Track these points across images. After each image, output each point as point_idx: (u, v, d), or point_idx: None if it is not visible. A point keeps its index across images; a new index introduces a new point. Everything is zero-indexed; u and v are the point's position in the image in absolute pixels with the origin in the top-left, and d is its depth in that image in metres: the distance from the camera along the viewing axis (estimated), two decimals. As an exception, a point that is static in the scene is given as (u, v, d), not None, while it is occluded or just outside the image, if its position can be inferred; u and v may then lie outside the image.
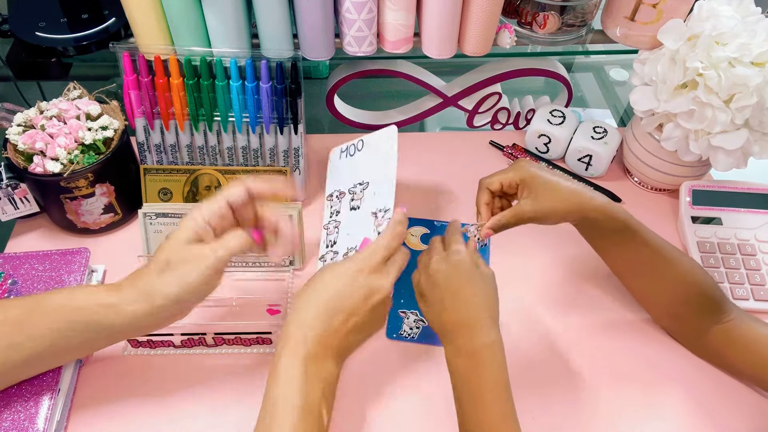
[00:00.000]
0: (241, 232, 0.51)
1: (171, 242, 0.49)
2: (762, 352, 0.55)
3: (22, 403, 0.52)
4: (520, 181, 0.56)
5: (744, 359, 0.57)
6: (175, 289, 0.48)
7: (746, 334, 0.56)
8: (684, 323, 0.61)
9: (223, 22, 0.66)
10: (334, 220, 0.68)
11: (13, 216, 0.67)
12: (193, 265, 0.48)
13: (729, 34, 0.61)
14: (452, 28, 0.70)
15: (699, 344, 0.61)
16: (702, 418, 0.58)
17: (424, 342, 0.62)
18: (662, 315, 0.63)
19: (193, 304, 0.51)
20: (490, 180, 0.57)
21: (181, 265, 0.48)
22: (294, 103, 0.67)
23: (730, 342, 0.57)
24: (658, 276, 0.58)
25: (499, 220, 0.56)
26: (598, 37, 0.76)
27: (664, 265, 0.57)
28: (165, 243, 0.49)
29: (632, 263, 0.59)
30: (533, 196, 0.55)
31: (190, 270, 0.48)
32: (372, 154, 0.68)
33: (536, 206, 0.54)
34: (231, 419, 0.56)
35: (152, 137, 0.69)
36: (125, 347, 0.59)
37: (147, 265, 0.50)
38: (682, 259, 0.58)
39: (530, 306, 0.66)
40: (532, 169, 0.56)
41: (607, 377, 0.60)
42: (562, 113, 0.81)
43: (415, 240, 0.72)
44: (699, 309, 0.58)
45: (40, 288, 0.59)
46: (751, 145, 0.66)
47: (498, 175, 0.57)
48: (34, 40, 0.72)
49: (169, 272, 0.48)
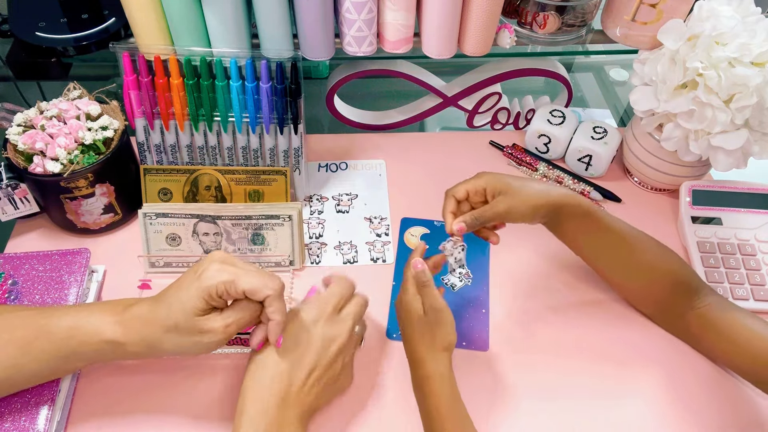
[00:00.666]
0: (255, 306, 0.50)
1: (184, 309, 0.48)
2: (736, 338, 0.56)
3: (23, 402, 0.52)
4: (487, 185, 0.58)
5: (719, 345, 0.58)
6: (177, 350, 0.49)
7: (721, 320, 0.57)
8: (658, 308, 0.63)
9: (223, 22, 0.66)
10: (316, 217, 0.73)
11: (13, 216, 0.67)
12: (200, 337, 0.48)
13: (729, 34, 0.61)
14: (452, 28, 0.70)
15: (676, 327, 0.63)
16: (677, 397, 0.59)
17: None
18: (636, 300, 0.65)
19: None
20: (455, 189, 0.59)
21: (189, 336, 0.48)
22: (294, 103, 0.67)
23: (705, 327, 0.59)
24: (626, 262, 0.61)
25: (473, 215, 0.57)
26: (598, 37, 0.76)
27: (630, 250, 0.60)
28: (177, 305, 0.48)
29: (599, 250, 0.61)
30: (504, 195, 0.57)
31: (197, 341, 0.48)
32: (359, 176, 0.79)
33: (509, 201, 0.56)
34: (230, 414, 0.55)
35: (152, 137, 0.69)
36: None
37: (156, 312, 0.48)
38: (650, 245, 0.60)
39: (510, 290, 0.67)
40: (498, 175, 0.58)
41: (584, 356, 0.62)
42: (562, 113, 0.81)
43: (415, 240, 0.72)
44: (672, 294, 0.60)
45: (40, 288, 0.59)
46: (751, 145, 0.66)
47: (463, 183, 0.59)
48: (34, 40, 0.72)
49: (176, 335, 0.48)
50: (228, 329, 0.48)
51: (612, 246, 0.60)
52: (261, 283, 0.48)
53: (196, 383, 0.58)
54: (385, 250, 0.71)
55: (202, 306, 0.48)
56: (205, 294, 0.47)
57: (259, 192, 0.70)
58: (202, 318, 0.48)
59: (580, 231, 0.60)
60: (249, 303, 0.50)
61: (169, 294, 0.49)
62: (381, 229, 0.73)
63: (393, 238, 0.72)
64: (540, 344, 0.63)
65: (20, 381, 0.49)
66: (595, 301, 0.67)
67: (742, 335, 0.56)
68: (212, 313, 0.49)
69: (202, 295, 0.47)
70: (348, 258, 0.70)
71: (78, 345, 0.48)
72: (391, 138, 0.85)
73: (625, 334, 0.64)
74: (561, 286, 0.68)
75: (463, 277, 0.58)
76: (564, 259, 0.69)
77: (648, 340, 0.64)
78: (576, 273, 0.69)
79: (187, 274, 0.50)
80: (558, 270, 0.69)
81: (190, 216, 0.64)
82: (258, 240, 0.66)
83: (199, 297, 0.47)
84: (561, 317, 0.65)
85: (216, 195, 0.70)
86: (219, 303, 0.49)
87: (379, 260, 0.70)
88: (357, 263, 0.69)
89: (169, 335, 0.48)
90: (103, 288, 0.65)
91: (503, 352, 0.62)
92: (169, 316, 0.48)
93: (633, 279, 0.62)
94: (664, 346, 0.63)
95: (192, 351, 0.49)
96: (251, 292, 0.48)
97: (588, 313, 0.66)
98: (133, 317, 0.49)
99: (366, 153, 0.83)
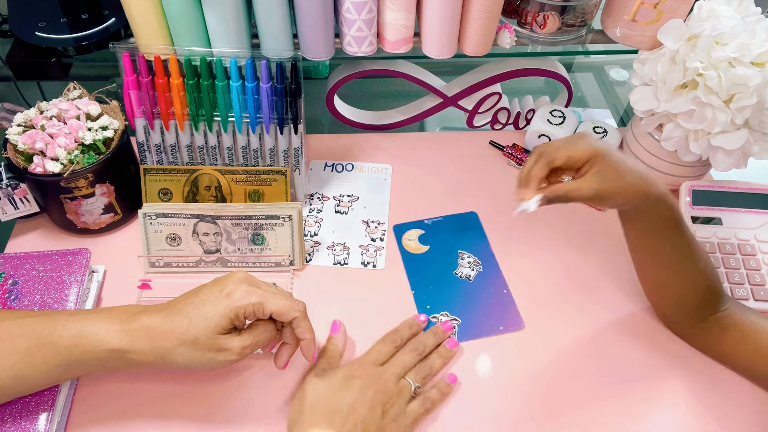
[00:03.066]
0: (272, 327, 0.52)
1: (207, 325, 0.48)
2: (755, 340, 0.56)
3: (23, 404, 0.52)
4: (591, 157, 0.51)
5: (737, 348, 0.58)
6: (188, 364, 0.49)
7: (739, 323, 0.57)
8: (685, 314, 0.61)
9: (223, 22, 0.66)
10: (314, 215, 0.73)
11: (13, 216, 0.67)
12: (215, 355, 0.49)
13: (729, 34, 0.61)
14: (452, 28, 0.70)
15: (693, 334, 0.61)
16: (699, 411, 0.58)
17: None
18: (667, 305, 0.62)
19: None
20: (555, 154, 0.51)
21: (205, 352, 0.48)
22: (294, 103, 0.67)
23: (724, 330, 0.58)
24: (681, 269, 0.58)
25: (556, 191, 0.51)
26: (598, 37, 0.76)
27: (690, 260, 0.57)
28: (200, 320, 0.48)
29: (664, 255, 0.57)
30: (601, 174, 0.50)
31: (211, 357, 0.49)
32: (363, 179, 0.78)
33: (604, 185, 0.50)
34: (229, 419, 0.56)
35: (152, 137, 0.69)
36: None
37: (172, 323, 0.48)
38: (701, 253, 0.58)
39: (527, 300, 0.67)
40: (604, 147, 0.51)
41: (604, 370, 0.61)
42: (562, 113, 0.81)
43: (414, 244, 0.72)
44: (704, 301, 0.59)
45: (40, 288, 0.59)
46: (751, 145, 0.66)
47: (565, 148, 0.51)
48: (34, 40, 0.72)
49: (191, 350, 0.48)
50: (243, 351, 0.49)
51: (677, 255, 0.56)
52: (288, 306, 0.50)
53: (196, 389, 0.58)
54: (377, 255, 0.70)
55: (226, 325, 0.48)
56: (232, 314, 0.48)
57: (259, 192, 0.70)
58: (223, 336, 0.49)
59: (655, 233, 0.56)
60: (267, 327, 0.51)
61: (188, 308, 0.49)
62: (377, 233, 0.72)
63: (387, 245, 0.71)
64: (569, 309, 0.65)
65: (23, 389, 0.49)
66: (609, 312, 0.66)
67: (762, 337, 0.55)
68: (232, 332, 0.50)
69: (229, 314, 0.48)
70: (339, 259, 0.69)
71: (81, 354, 0.48)
72: (391, 138, 0.85)
73: (640, 344, 0.63)
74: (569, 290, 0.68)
75: (473, 266, 0.59)
76: (573, 263, 0.70)
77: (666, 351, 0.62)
78: (588, 278, 0.69)
79: (209, 290, 0.50)
80: (568, 274, 0.70)
81: (190, 216, 0.64)
82: (258, 240, 0.66)
83: (225, 316, 0.48)
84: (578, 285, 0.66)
85: (216, 195, 0.70)
86: (241, 324, 0.50)
87: (370, 265, 0.69)
88: (347, 265, 0.69)
89: (184, 348, 0.48)
90: (103, 288, 0.65)
91: (537, 326, 0.63)
92: (189, 330, 0.48)
93: (676, 284, 0.59)
94: (682, 356, 0.62)
95: (203, 366, 0.49)
96: (278, 314, 0.50)
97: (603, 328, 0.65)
98: (142, 327, 0.48)
99: (366, 153, 0.83)
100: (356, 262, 0.69)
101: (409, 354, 0.57)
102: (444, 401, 0.57)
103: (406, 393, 0.54)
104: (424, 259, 0.70)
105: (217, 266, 0.67)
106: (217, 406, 0.56)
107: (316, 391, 0.53)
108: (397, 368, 0.56)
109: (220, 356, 0.49)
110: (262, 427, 0.55)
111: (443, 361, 0.59)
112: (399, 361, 0.56)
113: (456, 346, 0.60)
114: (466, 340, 0.62)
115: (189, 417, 0.56)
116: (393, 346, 0.58)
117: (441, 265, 0.69)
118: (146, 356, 0.48)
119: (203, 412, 0.56)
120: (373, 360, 0.56)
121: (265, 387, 0.58)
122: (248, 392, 0.57)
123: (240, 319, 0.49)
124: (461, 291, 0.66)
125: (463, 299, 0.66)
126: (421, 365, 0.57)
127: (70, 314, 0.50)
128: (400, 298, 0.66)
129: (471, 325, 0.63)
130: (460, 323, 0.63)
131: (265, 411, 0.56)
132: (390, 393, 0.53)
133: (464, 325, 0.63)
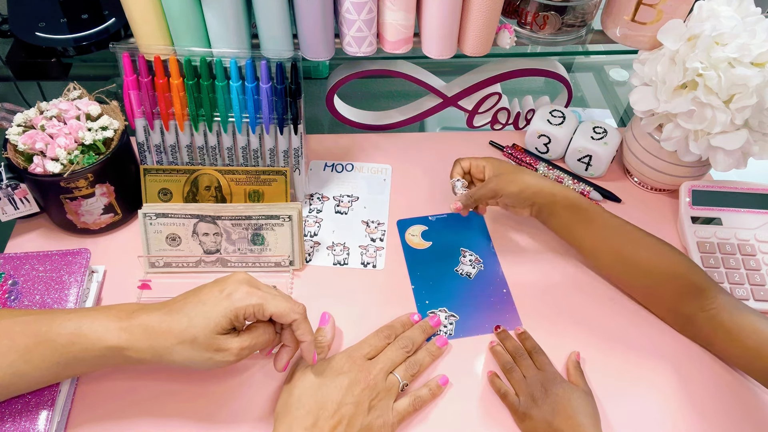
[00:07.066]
0: (271, 329, 0.52)
1: (207, 325, 0.48)
2: (746, 339, 0.55)
3: (23, 404, 0.52)
4: (487, 164, 0.66)
5: (730, 348, 0.58)
6: (186, 363, 0.49)
7: (726, 324, 0.57)
8: (667, 309, 0.62)
9: (223, 22, 0.66)
10: (314, 215, 0.73)
11: (13, 216, 0.67)
12: (213, 355, 0.49)
13: (729, 34, 0.61)
14: (452, 28, 0.70)
15: (687, 329, 0.62)
16: (687, 396, 0.59)
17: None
18: (644, 301, 0.65)
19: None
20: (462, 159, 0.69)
21: (203, 351, 0.48)
22: (294, 104, 0.67)
23: (716, 329, 0.58)
24: (623, 259, 0.61)
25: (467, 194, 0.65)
26: (598, 37, 0.76)
27: (627, 247, 0.60)
28: (200, 320, 0.48)
29: (594, 245, 0.63)
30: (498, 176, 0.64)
31: (209, 357, 0.49)
32: (363, 179, 0.78)
33: (500, 182, 0.63)
34: (228, 419, 0.56)
35: (152, 137, 0.69)
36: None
37: (171, 322, 0.48)
38: (649, 242, 0.60)
39: (526, 300, 0.67)
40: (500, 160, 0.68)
41: (593, 351, 0.62)
42: (561, 113, 0.81)
43: (417, 240, 0.72)
44: (680, 295, 0.60)
45: (40, 289, 0.59)
46: (750, 146, 0.66)
47: (470, 158, 0.69)
48: (34, 40, 0.72)
49: (190, 349, 0.48)
50: (242, 352, 0.50)
51: (606, 241, 0.61)
52: (288, 308, 0.50)
53: (196, 388, 0.58)
54: (377, 255, 0.70)
55: (226, 325, 0.49)
56: (232, 315, 0.48)
57: (259, 192, 0.70)
58: (222, 336, 0.49)
59: (572, 225, 0.61)
60: (266, 329, 0.52)
61: (188, 307, 0.49)
62: (377, 234, 0.72)
63: (387, 245, 0.71)
64: (567, 311, 0.65)
65: (22, 387, 0.49)
66: (601, 297, 0.67)
67: (751, 338, 0.55)
68: (231, 333, 0.50)
69: (229, 315, 0.48)
70: (339, 259, 0.70)
71: (80, 351, 0.48)
72: (391, 138, 0.85)
73: (632, 328, 0.64)
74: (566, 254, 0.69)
75: (475, 264, 0.59)
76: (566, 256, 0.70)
77: (656, 334, 0.63)
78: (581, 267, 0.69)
79: (210, 291, 0.50)
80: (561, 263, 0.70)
81: (190, 216, 0.64)
82: (258, 240, 0.66)
83: (225, 316, 0.48)
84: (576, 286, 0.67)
85: (216, 195, 0.70)
86: (240, 325, 0.50)
87: (369, 265, 0.69)
88: (347, 266, 0.69)
89: (183, 347, 0.48)
90: (103, 288, 0.65)
91: (533, 323, 0.64)
92: (188, 329, 0.48)
93: (633, 278, 0.62)
94: (673, 342, 0.63)
95: (200, 366, 0.49)
96: (278, 316, 0.50)
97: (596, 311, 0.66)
98: (140, 325, 0.49)
99: (366, 153, 0.83)
100: (356, 263, 0.69)
101: (398, 350, 0.58)
102: (433, 401, 0.57)
103: (393, 390, 0.55)
104: (426, 255, 0.70)
105: (217, 266, 0.67)
106: (217, 406, 0.56)
107: (304, 384, 0.53)
108: (386, 364, 0.56)
109: (218, 356, 0.49)
110: (261, 427, 0.55)
111: (432, 359, 0.59)
112: (388, 356, 0.57)
113: (445, 345, 0.60)
114: (462, 337, 0.62)
115: (189, 416, 0.56)
116: (386, 342, 0.59)
117: (442, 262, 0.69)
118: (144, 354, 0.48)
119: (203, 412, 0.56)
120: (364, 354, 0.57)
121: (265, 387, 0.58)
122: (248, 392, 0.57)
123: (240, 320, 0.49)
124: (461, 288, 0.67)
125: (463, 296, 0.66)
126: (410, 362, 0.58)
127: (69, 312, 0.50)
128: (400, 298, 0.66)
129: (468, 322, 0.63)
130: (458, 319, 0.64)
131: (265, 411, 0.56)
132: (378, 389, 0.54)
133: (462, 321, 0.64)
